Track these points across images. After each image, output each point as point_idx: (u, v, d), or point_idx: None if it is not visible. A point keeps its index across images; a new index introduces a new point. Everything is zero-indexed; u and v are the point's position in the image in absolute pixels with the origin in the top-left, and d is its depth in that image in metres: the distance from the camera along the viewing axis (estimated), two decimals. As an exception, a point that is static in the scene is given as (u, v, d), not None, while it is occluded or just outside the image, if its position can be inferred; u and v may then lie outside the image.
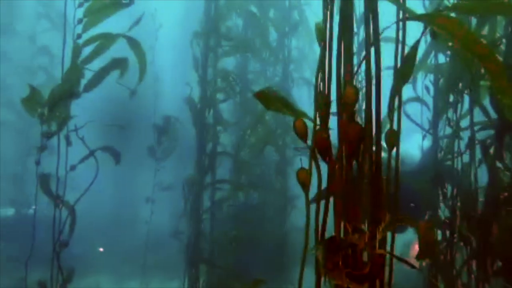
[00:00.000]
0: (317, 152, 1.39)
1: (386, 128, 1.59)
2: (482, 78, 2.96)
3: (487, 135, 2.95)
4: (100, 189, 3.87)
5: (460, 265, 3.00)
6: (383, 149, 1.52)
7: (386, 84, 1.58)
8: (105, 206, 9.66)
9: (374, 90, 1.47)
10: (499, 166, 2.82)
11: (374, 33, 1.49)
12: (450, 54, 3.19)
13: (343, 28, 1.46)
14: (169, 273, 6.19)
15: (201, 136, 5.20)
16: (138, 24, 3.29)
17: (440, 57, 3.39)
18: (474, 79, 2.95)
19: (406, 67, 1.56)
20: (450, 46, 2.95)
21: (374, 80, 1.47)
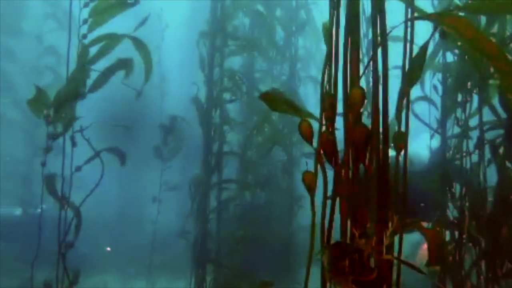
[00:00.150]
0: (322, 154, 1.36)
1: (393, 129, 1.56)
2: (491, 77, 2.93)
3: (496, 135, 2.92)
4: (107, 189, 3.87)
5: (469, 266, 2.97)
6: (391, 148, 1.49)
7: (393, 83, 1.55)
8: (112, 206, 9.70)
9: (381, 90, 1.45)
10: (509, 166, 2.79)
11: (381, 33, 1.47)
12: (458, 52, 3.16)
13: (350, 28, 1.44)
14: (175, 273, 6.20)
15: (207, 135, 5.19)
16: (143, 24, 3.29)
17: (448, 55, 3.35)
18: (483, 78, 2.91)
19: (415, 70, 1.52)
20: (459, 45, 2.92)
21: (381, 80, 1.45)
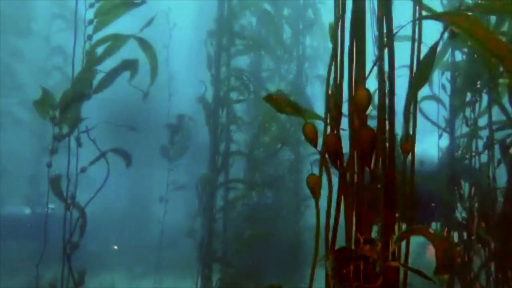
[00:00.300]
0: (327, 156, 1.34)
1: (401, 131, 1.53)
2: (501, 76, 2.89)
3: (506, 135, 2.89)
4: (114, 188, 3.87)
5: (478, 267, 2.93)
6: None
7: (401, 83, 1.52)
8: (119, 205, 9.74)
9: (388, 91, 1.42)
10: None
11: (388, 32, 1.44)
12: (467, 51, 3.12)
13: (356, 28, 1.41)
14: (182, 272, 6.19)
15: (214, 135, 5.18)
16: (150, 25, 3.27)
17: (457, 54, 3.31)
18: (492, 77, 2.88)
19: (423, 71, 1.49)
20: (468, 44, 2.88)
21: (387, 81, 1.42)
